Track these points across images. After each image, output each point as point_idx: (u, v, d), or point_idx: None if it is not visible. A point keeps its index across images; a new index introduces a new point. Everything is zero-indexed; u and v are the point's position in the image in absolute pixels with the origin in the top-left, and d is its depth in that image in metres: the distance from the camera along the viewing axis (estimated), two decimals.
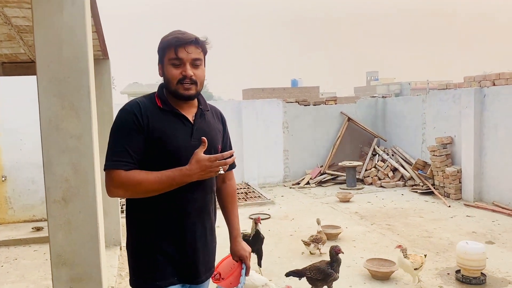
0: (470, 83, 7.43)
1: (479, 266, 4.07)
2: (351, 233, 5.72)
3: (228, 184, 2.07)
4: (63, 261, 2.87)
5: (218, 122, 1.95)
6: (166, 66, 1.74)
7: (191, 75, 1.72)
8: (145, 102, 1.76)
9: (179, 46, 1.70)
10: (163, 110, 1.75)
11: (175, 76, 1.72)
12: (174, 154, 1.70)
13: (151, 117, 1.71)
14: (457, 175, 7.34)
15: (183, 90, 1.73)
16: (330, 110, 9.91)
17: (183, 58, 1.71)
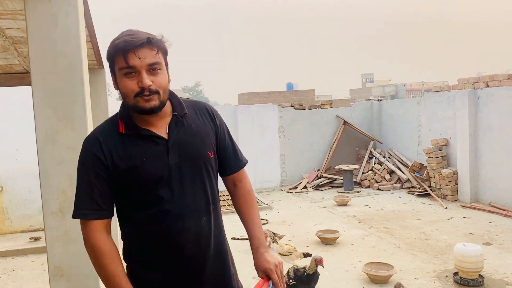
0: (464, 85, 7.48)
1: (477, 268, 4.08)
2: (349, 237, 5.73)
3: (240, 186, 1.74)
4: (61, 272, 2.87)
5: (205, 121, 1.62)
6: (119, 78, 1.44)
7: (149, 85, 1.40)
8: (105, 132, 1.49)
9: (129, 51, 1.38)
10: (128, 135, 1.47)
11: (131, 88, 1.41)
12: (151, 181, 1.45)
13: (113, 150, 1.45)
14: (453, 177, 7.37)
15: (144, 102, 1.42)
16: (325, 113, 9.94)
17: (136, 65, 1.39)
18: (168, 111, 1.54)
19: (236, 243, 5.66)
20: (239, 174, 1.74)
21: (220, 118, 1.69)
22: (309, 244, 5.55)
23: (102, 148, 1.45)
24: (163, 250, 1.49)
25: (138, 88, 1.41)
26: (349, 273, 4.54)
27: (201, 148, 1.55)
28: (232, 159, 1.71)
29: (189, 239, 1.49)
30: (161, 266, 1.51)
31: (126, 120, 1.49)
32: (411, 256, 4.95)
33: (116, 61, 1.42)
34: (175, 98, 1.57)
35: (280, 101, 26.74)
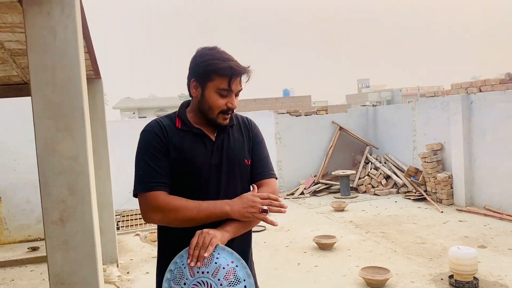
0: (457, 90, 7.57)
1: (472, 271, 4.14)
2: (346, 242, 5.79)
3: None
4: (61, 280, 2.91)
5: (245, 134, 1.81)
6: (210, 93, 1.63)
7: (235, 107, 1.66)
8: (166, 121, 1.70)
9: (235, 77, 1.61)
10: (183, 131, 1.68)
11: (220, 106, 1.63)
12: (194, 174, 1.64)
13: (171, 137, 1.65)
14: (449, 181, 7.44)
15: (223, 120, 1.67)
16: (321, 119, 10.02)
17: (235, 90, 1.63)
18: None
19: None
20: (264, 182, 1.78)
21: (257, 131, 1.85)
22: (306, 249, 5.59)
23: (163, 131, 1.65)
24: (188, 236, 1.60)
25: (226, 107, 1.64)
26: (346, 277, 4.59)
27: (239, 154, 1.74)
28: (260, 167, 1.80)
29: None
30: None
31: (184, 118, 1.71)
32: (407, 260, 5.01)
33: (215, 78, 1.61)
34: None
35: (277, 108, 26.85)
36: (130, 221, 7.56)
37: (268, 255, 5.51)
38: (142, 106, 35.31)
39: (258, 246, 5.87)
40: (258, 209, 1.56)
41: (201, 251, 1.50)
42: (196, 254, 1.50)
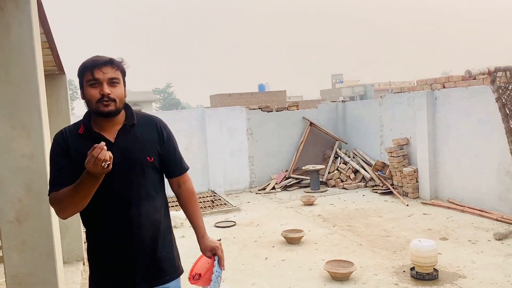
0: (422, 86, 7.76)
1: (432, 263, 4.28)
2: (313, 236, 5.88)
3: (183, 187, 2.16)
4: (18, 281, 2.86)
5: (152, 131, 2.01)
6: (86, 89, 1.86)
7: (108, 93, 1.82)
8: (70, 129, 1.93)
9: (95, 67, 1.82)
10: (84, 136, 1.88)
11: (94, 96, 1.83)
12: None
13: (72, 143, 1.88)
14: (414, 175, 7.64)
15: (103, 107, 1.83)
16: (292, 115, 10.10)
17: (100, 78, 1.82)
18: (121, 120, 1.94)
19: None
20: (183, 177, 2.15)
21: (168, 131, 2.08)
22: (275, 244, 5.66)
23: (64, 139, 1.89)
24: (101, 236, 1.92)
25: (100, 95, 1.82)
26: (312, 271, 4.67)
27: (139, 152, 1.93)
28: (175, 164, 2.10)
29: (121, 225, 1.90)
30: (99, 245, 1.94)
31: (86, 124, 1.91)
32: (372, 252, 5.13)
33: (84, 75, 1.84)
34: (129, 110, 1.97)
35: (252, 102, 26.85)
36: None
37: (237, 250, 5.54)
38: None
39: (227, 241, 5.90)
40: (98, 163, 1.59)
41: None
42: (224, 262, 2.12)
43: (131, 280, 1.94)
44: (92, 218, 1.94)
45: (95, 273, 2.01)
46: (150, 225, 1.96)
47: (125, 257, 1.92)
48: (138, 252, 1.93)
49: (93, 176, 1.66)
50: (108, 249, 1.93)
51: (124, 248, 1.91)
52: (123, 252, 1.92)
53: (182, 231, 6.13)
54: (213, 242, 2.11)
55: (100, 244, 1.95)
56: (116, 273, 1.94)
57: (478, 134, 6.58)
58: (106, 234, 1.92)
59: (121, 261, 1.93)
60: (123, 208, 1.90)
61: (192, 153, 9.20)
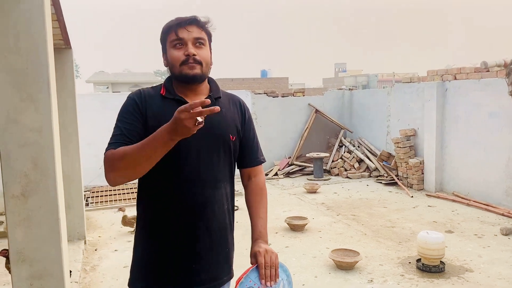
0: (433, 77, 7.64)
1: (439, 255, 4.22)
2: (317, 224, 5.82)
3: (253, 180, 1.86)
4: (22, 258, 2.80)
5: (235, 111, 1.78)
6: (169, 51, 1.66)
7: (194, 54, 1.61)
8: (148, 90, 1.71)
9: (180, 26, 1.63)
10: (165, 98, 1.66)
11: (178, 57, 1.62)
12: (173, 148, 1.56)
13: (150, 103, 1.64)
14: (420, 166, 7.56)
15: (188, 69, 1.62)
16: (298, 101, 9.98)
17: (185, 37, 1.62)
18: (205, 91, 1.72)
19: None
20: (256, 169, 1.87)
21: (249, 114, 1.86)
22: (278, 230, 5.60)
23: (141, 98, 1.66)
24: (164, 213, 1.64)
25: (184, 56, 1.61)
26: (316, 259, 4.62)
27: (224, 127, 1.70)
28: (251, 154, 1.84)
29: (193, 206, 1.63)
30: (160, 229, 1.65)
31: (168, 86, 1.70)
32: (377, 243, 5.07)
33: (167, 36, 1.66)
34: (213, 83, 1.77)
35: (254, 88, 26.68)
36: (100, 197, 7.41)
37: (240, 235, 5.44)
38: (116, 80, 34.49)
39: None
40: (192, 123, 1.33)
41: (272, 269, 1.64)
42: (268, 274, 1.63)
43: (193, 274, 1.66)
44: (157, 192, 1.64)
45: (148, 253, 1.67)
46: (221, 213, 1.71)
47: (190, 245, 1.64)
48: (204, 245, 1.66)
49: (172, 134, 1.36)
50: (171, 231, 1.64)
51: (189, 235, 1.64)
52: (187, 240, 1.64)
53: None
54: (260, 247, 1.71)
55: (162, 224, 1.65)
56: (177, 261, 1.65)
57: (488, 128, 6.49)
58: (169, 216, 1.64)
59: (184, 250, 1.65)
60: (196, 188, 1.63)
61: None
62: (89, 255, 4.86)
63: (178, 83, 1.68)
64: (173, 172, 1.61)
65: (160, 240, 1.65)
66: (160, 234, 1.65)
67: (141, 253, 1.70)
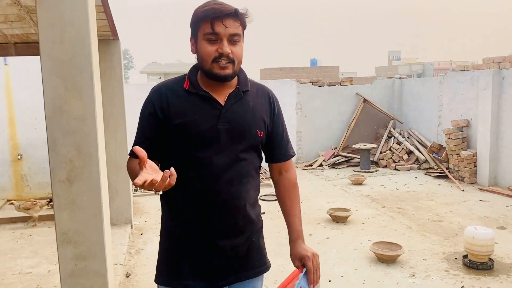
0: (489, 65, 7.22)
1: (487, 252, 4.02)
2: (360, 216, 5.71)
3: (285, 176, 1.78)
4: (68, 239, 2.95)
5: (264, 103, 1.70)
6: (200, 42, 1.54)
7: (228, 53, 1.51)
8: (170, 86, 1.62)
9: (216, 19, 1.49)
10: (189, 93, 1.59)
11: (210, 53, 1.52)
12: (198, 139, 1.55)
13: (172, 102, 1.57)
14: (473, 159, 7.20)
15: (219, 69, 1.52)
16: (345, 91, 9.78)
17: (220, 33, 1.50)
18: (233, 84, 1.63)
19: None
20: (286, 164, 1.79)
21: (279, 106, 1.77)
22: (320, 221, 5.55)
23: (161, 98, 1.59)
24: (192, 211, 1.60)
25: (217, 53, 1.51)
26: (357, 251, 4.54)
27: (251, 123, 1.62)
28: (281, 148, 1.77)
29: (218, 203, 1.58)
30: (181, 226, 1.63)
31: (193, 79, 1.61)
32: (422, 237, 4.91)
33: (201, 26, 1.53)
34: (242, 74, 1.67)
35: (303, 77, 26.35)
36: None
37: (282, 224, 5.44)
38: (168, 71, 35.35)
39: (272, 215, 5.86)
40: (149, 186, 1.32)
41: (318, 272, 1.65)
42: (315, 278, 1.63)
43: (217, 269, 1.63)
44: (182, 191, 1.57)
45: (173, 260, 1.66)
46: (248, 208, 1.67)
47: (215, 244, 1.61)
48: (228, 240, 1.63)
49: None
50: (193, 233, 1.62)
51: (216, 232, 1.61)
52: (213, 237, 1.61)
53: None
54: (306, 250, 1.67)
55: (183, 226, 1.63)
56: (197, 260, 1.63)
57: None
58: (195, 215, 1.61)
59: (211, 250, 1.62)
60: (222, 184, 1.58)
61: None
62: (135, 239, 5.05)
63: (205, 77, 1.60)
64: (199, 170, 1.57)
65: (186, 238, 1.63)
66: (185, 232, 1.63)
67: (167, 250, 1.69)
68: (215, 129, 1.55)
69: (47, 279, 4.02)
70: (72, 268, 2.99)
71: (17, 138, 6.52)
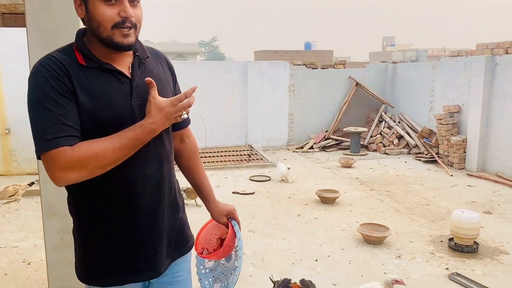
0: (482, 51, 7.21)
1: (473, 235, 4.07)
2: (349, 198, 5.74)
3: (188, 142, 1.71)
4: (54, 212, 2.93)
5: (165, 70, 1.55)
6: (95, 4, 1.28)
7: (132, 16, 1.31)
8: (64, 58, 1.31)
9: None
10: (88, 68, 1.31)
11: (111, 18, 1.28)
12: (112, 123, 1.31)
13: (74, 77, 1.28)
14: (462, 145, 7.25)
15: (121, 37, 1.30)
16: (338, 74, 9.74)
17: None
18: (130, 52, 1.42)
19: (236, 197, 5.72)
20: (187, 130, 1.71)
21: (175, 74, 1.63)
22: (308, 202, 5.58)
23: (63, 69, 1.28)
24: (120, 199, 1.39)
25: (120, 18, 1.29)
26: (344, 232, 4.57)
27: (163, 93, 1.41)
28: None
29: (149, 187, 1.42)
30: (116, 217, 1.40)
31: (85, 51, 1.32)
32: (409, 220, 4.95)
33: None
34: (137, 41, 1.43)
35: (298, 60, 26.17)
36: None
37: (270, 204, 5.51)
38: (161, 50, 34.96)
39: (261, 195, 5.88)
40: (179, 115, 1.33)
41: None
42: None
43: (157, 252, 1.49)
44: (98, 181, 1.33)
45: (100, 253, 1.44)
46: (172, 185, 1.55)
47: (151, 230, 1.46)
48: (164, 222, 1.50)
49: (155, 129, 1.29)
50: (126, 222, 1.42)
51: (147, 217, 1.44)
52: (147, 226, 1.44)
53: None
54: (228, 205, 1.73)
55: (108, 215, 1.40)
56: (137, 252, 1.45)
57: None
58: (120, 203, 1.40)
59: (144, 239, 1.45)
60: (145, 166, 1.41)
61: (232, 106, 9.13)
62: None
63: (99, 45, 1.33)
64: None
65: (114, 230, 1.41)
66: (113, 223, 1.41)
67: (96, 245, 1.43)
68: (130, 108, 1.35)
69: (33, 253, 4.01)
70: (58, 241, 2.97)
71: (5, 112, 6.42)
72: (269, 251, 4.13)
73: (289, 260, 3.93)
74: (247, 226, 4.73)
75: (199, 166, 1.74)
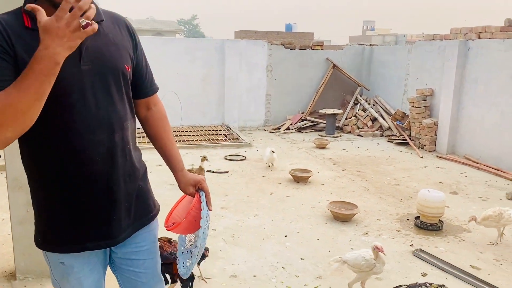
0: (456, 35, 7.32)
1: (438, 214, 4.20)
2: (321, 177, 5.83)
3: (155, 109, 1.68)
4: (19, 185, 2.90)
5: (124, 34, 1.48)
6: None
7: None
8: (8, 21, 1.25)
9: None
10: (34, 30, 1.19)
11: None
12: (61, 87, 1.24)
13: (16, 40, 1.23)
14: (433, 127, 7.41)
15: None
16: (315, 55, 9.75)
17: None
18: None
19: (210, 176, 5.74)
20: (154, 97, 1.68)
21: (138, 37, 1.57)
22: (281, 181, 5.64)
23: (3, 32, 1.22)
24: (70, 166, 1.36)
25: None
26: (314, 209, 4.66)
27: (117, 58, 1.40)
28: (148, 81, 1.62)
29: (100, 154, 1.39)
30: (68, 184, 1.38)
31: (32, 14, 1.19)
32: (378, 199, 5.07)
33: None
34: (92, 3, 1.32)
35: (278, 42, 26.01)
36: None
37: (243, 183, 5.55)
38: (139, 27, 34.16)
39: (235, 174, 5.91)
40: (78, 26, 1.11)
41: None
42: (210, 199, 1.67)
43: (113, 220, 1.47)
44: (47, 147, 1.34)
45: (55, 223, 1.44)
46: (132, 154, 1.52)
47: (105, 198, 1.43)
48: (120, 190, 1.46)
49: (51, 54, 1.10)
50: (79, 189, 1.39)
51: (102, 185, 1.42)
52: (101, 193, 1.42)
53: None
54: (196, 175, 1.69)
55: (60, 182, 1.38)
56: (92, 219, 1.44)
57: (507, 91, 6.25)
58: (71, 169, 1.37)
59: (98, 206, 1.43)
60: (98, 133, 1.37)
61: (209, 84, 9.07)
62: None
63: (48, 6, 1.22)
64: (68, 120, 1.32)
65: (67, 196, 1.40)
66: (69, 190, 1.39)
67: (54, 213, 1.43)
68: (79, 72, 1.31)
69: (0, 228, 3.95)
70: (23, 214, 2.94)
71: None
72: (240, 227, 4.18)
73: (259, 235, 3.99)
74: (220, 203, 4.76)
75: (167, 134, 1.70)
